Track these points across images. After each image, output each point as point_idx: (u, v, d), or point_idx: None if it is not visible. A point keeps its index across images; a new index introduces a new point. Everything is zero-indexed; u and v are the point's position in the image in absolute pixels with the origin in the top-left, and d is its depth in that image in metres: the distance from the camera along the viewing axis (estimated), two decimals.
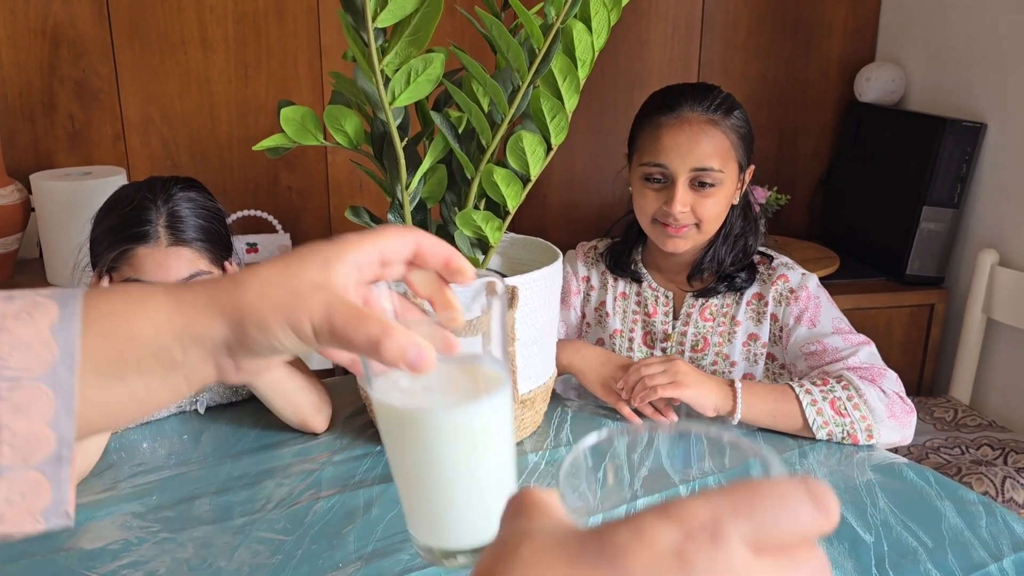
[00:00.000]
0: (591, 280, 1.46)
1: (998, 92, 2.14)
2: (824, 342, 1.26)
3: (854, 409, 1.15)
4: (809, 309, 1.30)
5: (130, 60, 2.19)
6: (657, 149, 1.29)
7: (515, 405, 1.12)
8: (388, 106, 1.00)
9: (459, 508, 0.53)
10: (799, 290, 1.31)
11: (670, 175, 1.28)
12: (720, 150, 1.28)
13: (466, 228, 1.08)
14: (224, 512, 1.01)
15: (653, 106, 1.32)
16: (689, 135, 1.27)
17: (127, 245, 1.13)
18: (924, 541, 0.94)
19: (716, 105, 1.28)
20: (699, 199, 1.28)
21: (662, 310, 1.40)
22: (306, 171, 2.36)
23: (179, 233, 1.15)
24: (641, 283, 1.42)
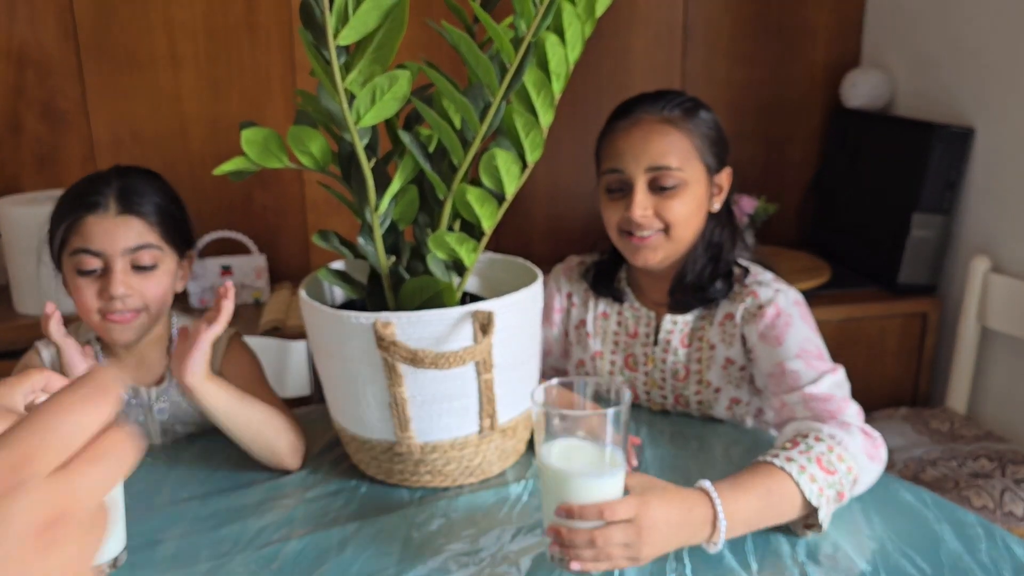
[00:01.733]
0: (573, 297, 1.41)
1: (985, 96, 2.11)
2: (784, 365, 1.14)
3: (839, 461, 0.98)
4: (776, 327, 1.18)
5: (98, 80, 2.13)
6: (612, 154, 1.24)
7: (497, 434, 1.07)
8: (353, 126, 0.95)
9: None
10: (767, 306, 1.20)
11: (627, 180, 1.22)
12: (677, 148, 1.21)
13: (439, 251, 1.03)
14: (190, 556, 0.95)
15: (611, 117, 1.29)
16: (641, 135, 1.22)
17: (77, 214, 1.14)
18: (923, 568, 0.90)
19: (673, 106, 1.23)
20: (662, 201, 1.22)
21: (643, 331, 1.34)
22: (281, 190, 2.31)
23: (129, 203, 1.16)
24: (623, 303, 1.36)
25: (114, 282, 1.13)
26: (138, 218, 1.16)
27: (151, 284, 1.17)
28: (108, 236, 1.14)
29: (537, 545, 0.95)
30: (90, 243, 1.14)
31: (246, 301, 2.14)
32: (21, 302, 1.94)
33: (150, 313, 1.19)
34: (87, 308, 1.16)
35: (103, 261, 1.15)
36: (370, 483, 1.10)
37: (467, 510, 1.03)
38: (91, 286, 1.15)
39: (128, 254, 1.15)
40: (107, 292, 1.14)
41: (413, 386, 1.01)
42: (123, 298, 1.15)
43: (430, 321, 0.99)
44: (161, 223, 1.18)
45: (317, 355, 1.09)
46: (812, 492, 0.94)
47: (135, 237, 1.15)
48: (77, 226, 1.14)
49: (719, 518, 0.90)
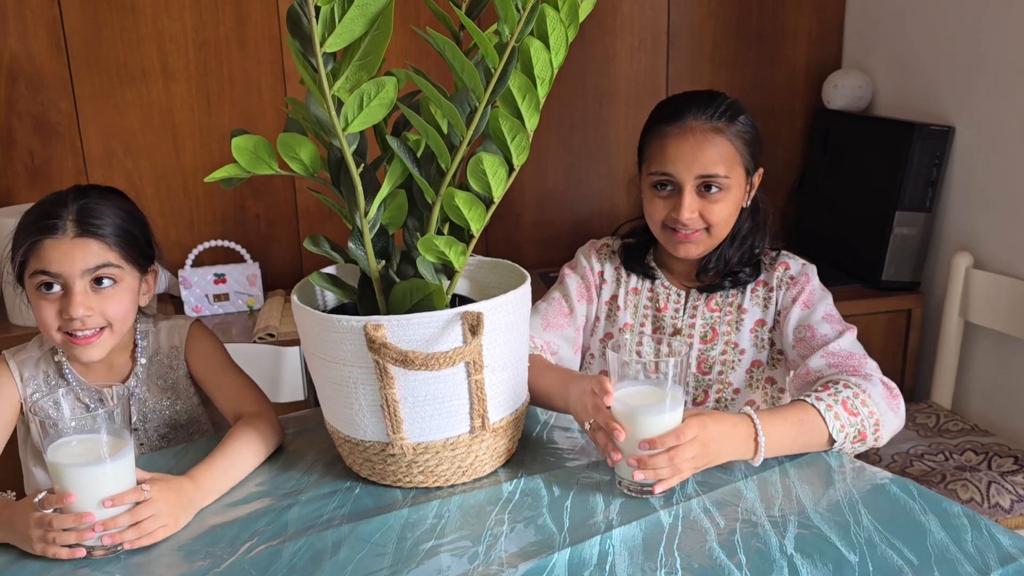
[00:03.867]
0: (604, 275, 1.48)
1: (964, 95, 2.15)
2: (813, 327, 1.31)
3: (862, 406, 1.14)
4: (805, 292, 1.35)
5: (90, 93, 2.15)
6: (663, 159, 1.32)
7: (488, 434, 1.09)
8: (341, 132, 0.97)
9: None
10: (799, 276, 1.37)
11: (677, 183, 1.32)
12: (725, 157, 1.30)
13: (428, 254, 1.05)
14: (185, 559, 0.96)
15: (659, 117, 1.36)
16: (693, 144, 1.30)
17: (36, 237, 1.15)
18: (909, 559, 0.92)
19: (720, 112, 1.31)
20: (707, 204, 1.31)
21: (672, 307, 1.43)
22: (274, 198, 2.32)
23: (87, 225, 1.17)
24: (654, 280, 1.44)
25: (74, 304, 1.15)
26: (96, 239, 1.17)
27: (112, 303, 1.19)
28: (66, 258, 1.16)
29: (530, 543, 0.97)
30: (49, 265, 1.15)
31: (240, 309, 2.15)
32: (15, 313, 1.95)
33: (113, 331, 1.21)
34: (48, 327, 1.18)
35: (62, 282, 1.16)
36: (364, 484, 1.12)
37: (460, 509, 1.05)
38: (51, 306, 1.17)
39: (87, 275, 1.17)
40: (67, 312, 1.16)
41: (404, 387, 1.03)
42: (83, 318, 1.16)
43: (420, 323, 1.00)
44: (120, 243, 1.19)
45: (310, 359, 1.11)
46: (835, 428, 1.12)
47: (93, 258, 1.17)
48: (36, 249, 1.16)
49: (760, 437, 1.08)
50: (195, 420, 1.35)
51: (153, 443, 1.32)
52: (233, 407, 1.26)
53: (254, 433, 1.17)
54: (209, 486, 1.07)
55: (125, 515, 0.96)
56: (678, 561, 0.92)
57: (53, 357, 1.27)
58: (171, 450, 1.25)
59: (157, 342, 1.32)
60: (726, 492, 1.06)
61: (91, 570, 0.95)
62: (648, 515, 1.01)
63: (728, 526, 0.98)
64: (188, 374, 1.33)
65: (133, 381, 1.30)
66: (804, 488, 1.07)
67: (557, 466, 1.14)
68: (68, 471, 0.95)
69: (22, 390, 1.24)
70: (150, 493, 0.99)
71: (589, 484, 1.09)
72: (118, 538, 0.96)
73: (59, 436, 0.97)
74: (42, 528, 0.95)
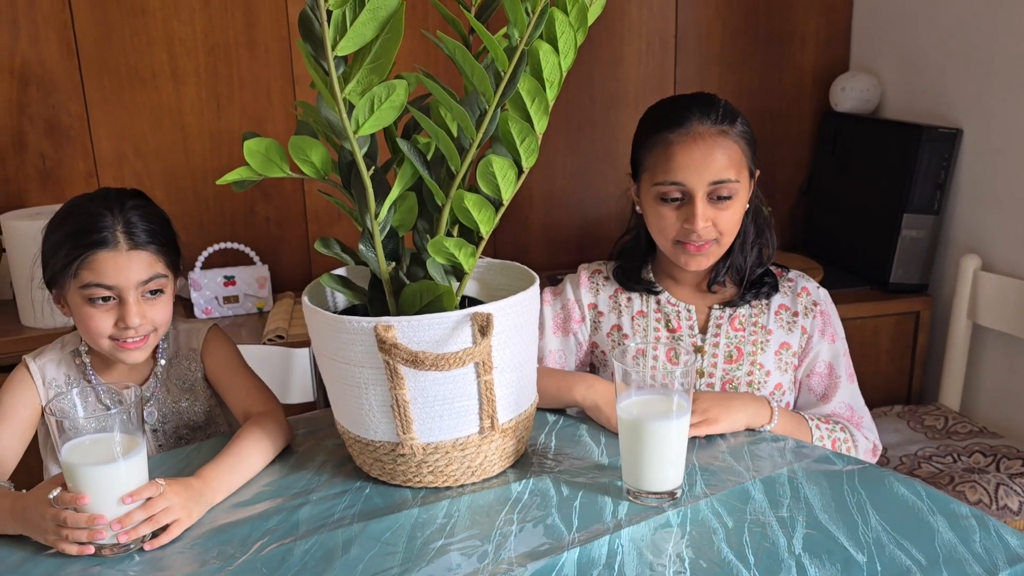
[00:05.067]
0: (598, 307, 1.41)
1: (972, 97, 2.15)
2: (834, 367, 1.36)
3: (847, 452, 1.29)
4: (831, 325, 1.37)
5: (100, 96, 2.17)
6: (671, 167, 1.26)
7: (498, 434, 1.10)
8: (353, 135, 0.98)
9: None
10: (821, 304, 1.37)
11: (688, 192, 1.26)
12: (734, 160, 1.26)
13: (438, 256, 1.06)
14: (197, 557, 0.97)
15: (658, 122, 1.29)
16: (704, 149, 1.25)
17: (88, 252, 1.17)
18: (918, 559, 0.92)
19: (723, 115, 1.27)
20: (718, 212, 1.27)
21: (686, 324, 1.37)
22: (283, 201, 2.34)
23: (136, 237, 1.19)
24: (659, 299, 1.39)
25: (130, 314, 1.18)
26: (147, 251, 1.20)
27: (159, 309, 1.23)
28: (121, 272, 1.18)
29: (539, 542, 0.97)
30: (103, 278, 1.17)
31: (249, 311, 2.17)
32: (26, 315, 1.96)
33: (158, 335, 1.25)
34: (99, 334, 1.20)
35: (117, 293, 1.19)
36: (374, 484, 1.12)
37: (470, 509, 1.05)
38: (105, 316, 1.19)
39: (141, 286, 1.20)
40: (123, 322, 1.19)
41: (414, 388, 1.04)
42: (137, 328, 1.19)
43: (430, 324, 1.01)
44: (163, 251, 1.23)
45: (320, 360, 1.12)
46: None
47: (146, 270, 1.20)
48: (88, 262, 1.17)
49: (774, 409, 1.25)
50: (212, 421, 1.37)
51: (171, 444, 1.33)
52: (243, 407, 1.28)
53: (261, 432, 1.18)
54: (217, 483, 1.09)
55: (139, 510, 0.98)
56: (687, 560, 0.93)
57: (75, 360, 1.29)
58: (182, 450, 1.26)
59: (176, 344, 1.34)
60: (734, 493, 1.06)
61: (103, 568, 0.96)
62: (656, 515, 1.02)
63: (736, 526, 0.99)
64: (204, 376, 1.35)
65: (153, 382, 1.32)
66: (812, 489, 1.07)
67: (565, 467, 1.15)
68: (82, 471, 0.96)
69: (44, 393, 1.26)
70: (164, 486, 1.00)
71: (597, 485, 1.09)
72: (134, 534, 0.97)
73: (75, 434, 0.98)
74: (56, 523, 0.96)
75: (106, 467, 0.96)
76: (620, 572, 0.91)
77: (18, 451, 1.21)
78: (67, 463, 0.97)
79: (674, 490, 1.05)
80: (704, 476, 1.11)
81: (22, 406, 1.24)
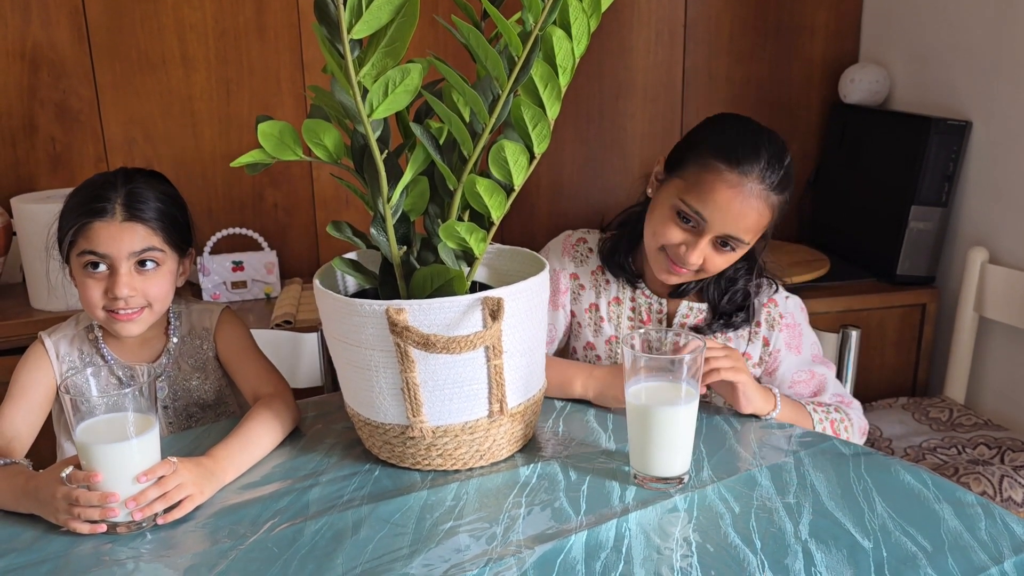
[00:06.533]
0: (579, 278, 1.42)
1: (982, 89, 2.14)
2: (812, 370, 1.37)
3: (844, 431, 1.31)
4: (795, 337, 1.37)
5: (111, 81, 2.17)
6: (704, 200, 1.22)
7: (506, 418, 1.10)
8: (367, 118, 0.98)
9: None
10: (787, 316, 1.37)
11: (701, 226, 1.24)
12: (759, 226, 1.25)
13: (450, 240, 1.06)
14: (211, 535, 0.98)
15: (724, 149, 1.23)
16: (741, 204, 1.21)
17: (85, 219, 1.20)
18: (923, 545, 0.92)
19: (779, 181, 1.24)
20: (713, 255, 1.26)
21: (655, 318, 1.39)
22: (291, 187, 2.34)
23: (134, 210, 1.22)
24: (635, 288, 1.39)
25: (119, 284, 1.20)
26: (142, 224, 1.22)
27: (153, 284, 1.24)
28: (114, 241, 1.20)
29: (547, 525, 0.98)
30: (96, 246, 1.20)
31: (257, 296, 2.18)
32: (37, 298, 1.98)
33: (153, 310, 1.26)
34: (93, 304, 1.23)
35: (109, 263, 1.21)
36: (383, 467, 1.13)
37: (478, 492, 1.06)
38: (97, 285, 1.22)
39: (132, 257, 1.22)
40: (112, 292, 1.21)
41: (425, 371, 1.04)
42: (127, 298, 1.21)
43: (441, 308, 1.02)
44: (163, 227, 1.24)
45: (331, 343, 1.12)
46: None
47: (139, 242, 1.22)
48: (85, 230, 1.20)
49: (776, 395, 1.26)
50: (222, 401, 1.38)
51: (181, 421, 1.35)
52: (252, 388, 1.29)
53: (271, 413, 1.19)
54: (228, 463, 1.10)
55: (153, 488, 0.99)
56: (694, 544, 0.93)
57: (88, 335, 1.31)
58: (192, 432, 1.27)
59: (189, 322, 1.36)
60: (741, 479, 1.07)
61: (116, 545, 0.97)
62: (664, 500, 1.02)
63: (743, 512, 1.00)
64: (216, 356, 1.36)
65: (165, 359, 1.33)
66: (818, 476, 1.08)
67: (573, 452, 1.16)
68: (96, 450, 0.97)
69: (58, 368, 1.28)
70: (177, 464, 1.01)
71: (605, 470, 1.10)
72: (148, 511, 0.99)
73: (89, 413, 0.99)
74: (68, 502, 0.97)
75: (120, 445, 0.97)
76: (628, 555, 0.92)
77: (34, 427, 1.23)
78: (81, 442, 0.98)
79: (681, 476, 1.06)
80: (711, 462, 1.11)
81: (37, 382, 1.26)
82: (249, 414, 1.19)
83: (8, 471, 1.06)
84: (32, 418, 1.23)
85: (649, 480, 1.06)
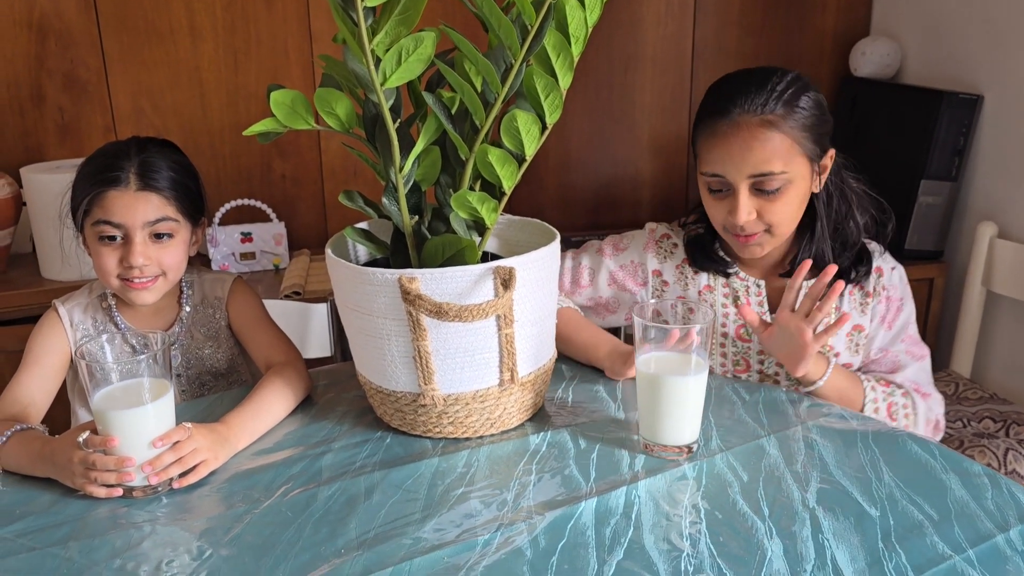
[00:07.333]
0: (663, 275, 1.38)
1: (994, 63, 2.13)
2: (889, 349, 1.33)
3: (904, 418, 1.27)
4: (892, 312, 1.33)
5: (118, 51, 2.16)
6: (713, 159, 1.22)
7: (517, 387, 1.11)
8: (380, 87, 0.98)
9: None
10: (890, 288, 1.33)
11: (729, 184, 1.22)
12: (780, 151, 1.19)
13: (461, 210, 1.07)
14: (225, 500, 1.00)
15: (708, 108, 1.24)
16: (742, 143, 1.18)
17: (99, 188, 1.21)
18: (930, 514, 0.93)
19: (773, 101, 1.18)
20: (765, 204, 1.21)
21: (755, 300, 1.34)
22: (299, 158, 2.34)
23: (149, 180, 1.22)
24: (728, 275, 1.35)
25: (134, 253, 1.21)
26: (156, 193, 1.23)
27: (168, 253, 1.25)
28: (129, 210, 1.21)
29: (557, 491, 0.99)
30: (111, 216, 1.21)
31: (266, 267, 2.18)
32: (47, 268, 1.98)
33: (167, 278, 1.27)
34: (108, 272, 1.24)
35: (123, 232, 1.22)
36: (394, 434, 1.15)
37: (489, 459, 1.07)
38: (112, 254, 1.23)
39: (147, 227, 1.23)
40: (127, 261, 1.22)
41: (436, 339, 1.05)
42: (142, 267, 1.22)
43: (453, 277, 1.02)
44: (177, 196, 1.25)
45: (343, 311, 1.13)
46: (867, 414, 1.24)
47: (153, 211, 1.23)
48: (99, 199, 1.21)
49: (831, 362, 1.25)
50: (234, 370, 1.39)
51: (194, 389, 1.36)
52: (264, 357, 1.30)
53: (283, 381, 1.20)
54: (241, 429, 1.11)
55: (168, 452, 1.00)
56: (703, 511, 0.94)
57: (102, 304, 1.32)
58: (205, 400, 1.28)
59: (202, 291, 1.37)
60: (749, 448, 1.08)
61: (132, 509, 0.98)
62: (673, 468, 1.04)
63: (751, 480, 1.01)
64: (228, 325, 1.37)
65: (178, 327, 1.35)
66: (826, 446, 1.08)
67: (583, 421, 1.17)
68: (113, 416, 0.98)
69: (71, 336, 1.29)
70: (192, 429, 1.03)
71: (614, 439, 1.11)
72: (163, 475, 1.00)
73: (104, 380, 1.00)
74: (85, 466, 0.98)
75: (135, 411, 0.99)
76: (637, 521, 0.93)
77: (49, 393, 1.24)
78: (98, 409, 0.99)
79: (690, 444, 1.07)
80: (720, 432, 1.12)
81: (52, 349, 1.27)
82: (261, 382, 1.20)
83: (25, 436, 1.07)
84: (47, 385, 1.24)
85: (658, 448, 1.07)
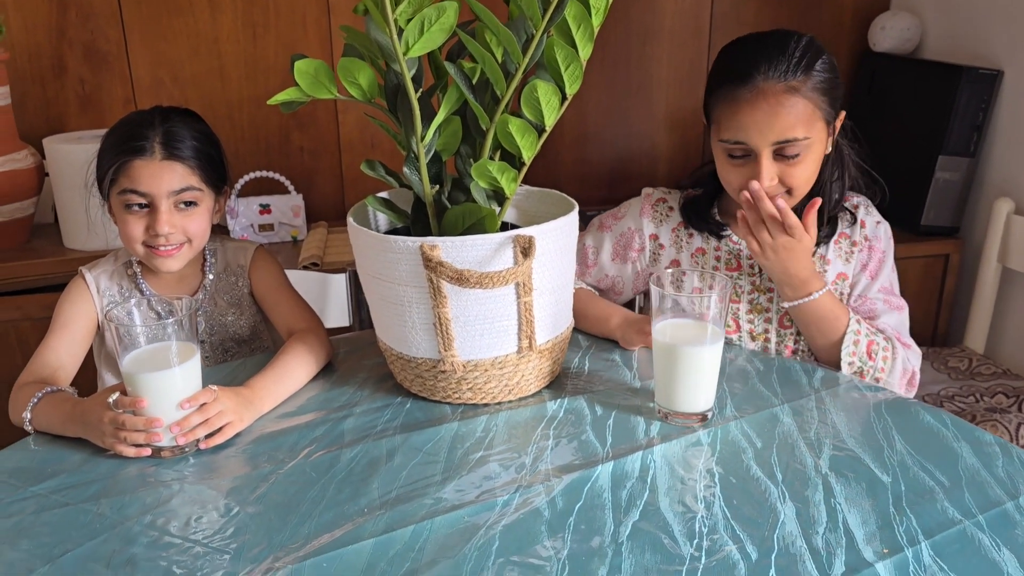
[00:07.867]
0: (659, 238, 1.40)
1: (1014, 38, 2.11)
2: (867, 296, 1.35)
3: (882, 360, 1.27)
4: (872, 261, 1.35)
5: (138, 22, 2.18)
6: (735, 126, 1.21)
7: (535, 354, 1.13)
8: (402, 56, 0.99)
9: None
10: (873, 240, 1.36)
11: (752, 151, 1.22)
12: (803, 117, 1.19)
13: (481, 180, 1.08)
14: (251, 461, 1.03)
15: (726, 74, 1.23)
16: (767, 111, 1.18)
17: (125, 158, 1.23)
18: (941, 481, 0.95)
19: (794, 66, 1.19)
20: (786, 168, 1.22)
21: (746, 264, 1.36)
22: (317, 131, 2.35)
23: (173, 149, 1.25)
24: (720, 238, 1.37)
25: (160, 222, 1.24)
26: (181, 163, 1.25)
27: (192, 221, 1.28)
28: (154, 179, 1.24)
29: (574, 456, 1.01)
30: (137, 185, 1.24)
31: (284, 239, 2.21)
32: (70, 237, 2.01)
33: (192, 246, 1.30)
34: (133, 240, 1.27)
35: (150, 201, 1.25)
36: (414, 400, 1.17)
37: (507, 425, 1.10)
38: (138, 222, 1.26)
39: (172, 196, 1.25)
40: (153, 229, 1.24)
41: (457, 307, 1.07)
42: (168, 235, 1.25)
43: (474, 245, 1.04)
44: (201, 166, 1.28)
45: (364, 279, 1.15)
46: (846, 352, 1.26)
47: (179, 181, 1.25)
48: (125, 168, 1.24)
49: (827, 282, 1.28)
50: (257, 336, 1.42)
51: (217, 356, 1.39)
52: (287, 324, 1.33)
53: (305, 348, 1.23)
54: (265, 393, 1.14)
55: (195, 414, 1.03)
56: (717, 476, 0.96)
57: (127, 271, 1.34)
58: (228, 365, 1.31)
59: (225, 259, 1.39)
60: (763, 416, 1.10)
61: (160, 468, 1.01)
62: (688, 435, 1.06)
63: (765, 446, 1.02)
64: (251, 292, 1.39)
65: (201, 294, 1.37)
66: (839, 415, 1.10)
67: (599, 389, 1.19)
68: (141, 378, 1.01)
69: (98, 301, 1.32)
70: (218, 392, 1.05)
71: (630, 407, 1.13)
72: (190, 436, 1.03)
73: (133, 344, 1.03)
74: (114, 426, 1.01)
75: (163, 373, 1.01)
76: (652, 485, 0.95)
77: (78, 357, 1.27)
78: (127, 372, 1.02)
79: (705, 412, 1.08)
80: (734, 400, 1.14)
81: (80, 314, 1.30)
82: (284, 348, 1.23)
83: (55, 398, 1.10)
84: (75, 349, 1.27)
85: (674, 415, 1.08)
